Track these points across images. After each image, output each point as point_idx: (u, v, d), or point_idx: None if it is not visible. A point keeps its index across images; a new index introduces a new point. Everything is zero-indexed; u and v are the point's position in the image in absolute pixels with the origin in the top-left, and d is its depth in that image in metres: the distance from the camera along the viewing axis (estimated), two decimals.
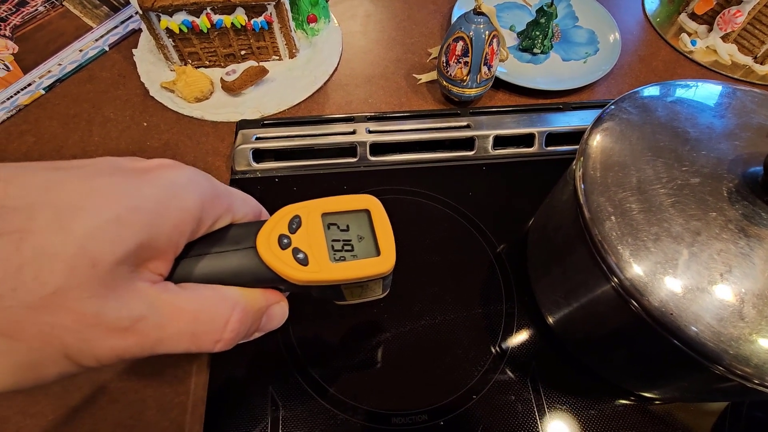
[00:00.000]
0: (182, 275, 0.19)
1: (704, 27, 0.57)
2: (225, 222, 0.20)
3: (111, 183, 0.16)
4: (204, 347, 0.18)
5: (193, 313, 0.18)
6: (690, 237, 0.23)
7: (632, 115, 0.29)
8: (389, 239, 0.22)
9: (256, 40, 0.49)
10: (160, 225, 0.17)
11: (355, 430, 0.32)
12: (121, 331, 0.16)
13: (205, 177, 0.19)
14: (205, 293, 0.18)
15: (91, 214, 0.15)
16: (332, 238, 0.22)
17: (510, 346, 0.36)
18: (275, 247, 0.20)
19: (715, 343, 0.22)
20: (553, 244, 0.33)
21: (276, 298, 0.22)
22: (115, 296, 0.15)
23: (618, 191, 0.26)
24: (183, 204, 0.17)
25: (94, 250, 0.14)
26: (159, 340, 0.17)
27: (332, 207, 0.22)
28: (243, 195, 0.22)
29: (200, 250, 0.19)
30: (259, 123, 0.46)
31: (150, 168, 0.18)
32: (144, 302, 0.16)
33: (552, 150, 0.46)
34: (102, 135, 0.46)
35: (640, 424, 0.34)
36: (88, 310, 0.15)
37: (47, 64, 0.50)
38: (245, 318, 0.19)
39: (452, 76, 0.45)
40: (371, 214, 0.23)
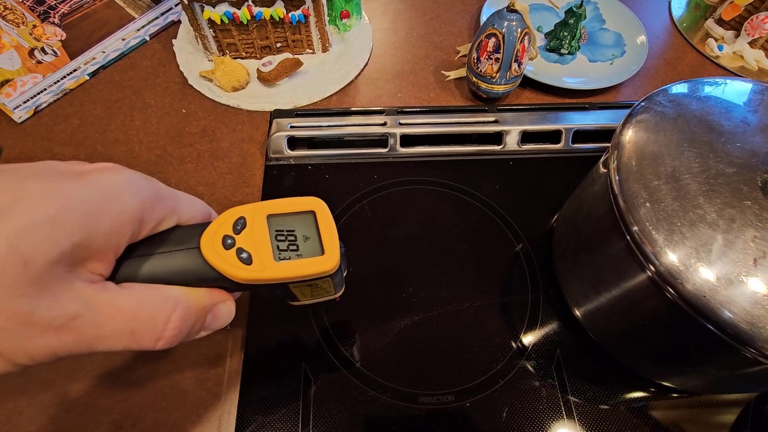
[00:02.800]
0: (125, 275, 0.19)
1: (731, 32, 0.57)
2: (170, 224, 0.21)
3: (46, 185, 0.16)
4: (144, 345, 0.18)
5: (132, 311, 0.18)
6: (725, 224, 0.24)
7: (666, 108, 0.30)
8: (333, 239, 0.23)
9: (292, 33, 0.50)
10: (97, 226, 0.17)
11: (383, 406, 0.33)
12: (56, 329, 0.16)
13: (146, 179, 0.20)
14: (146, 292, 0.19)
15: (24, 214, 0.15)
16: (277, 239, 0.22)
17: (535, 334, 0.37)
18: (219, 247, 0.21)
19: (749, 326, 0.22)
20: (583, 235, 0.34)
21: (221, 297, 0.22)
22: (50, 295, 0.15)
23: (653, 179, 0.26)
24: (121, 206, 0.18)
25: (26, 250, 0.15)
26: (96, 338, 0.17)
27: (278, 209, 0.23)
28: (189, 198, 0.22)
29: (144, 251, 0.20)
30: (293, 113, 0.48)
31: (87, 171, 0.18)
32: (80, 301, 0.16)
33: (578, 147, 0.47)
34: (143, 120, 0.48)
35: (662, 417, 0.34)
36: (20, 309, 0.15)
37: (92, 51, 0.52)
38: (187, 316, 0.20)
39: (482, 72, 0.47)
40: (317, 216, 0.23)
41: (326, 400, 0.33)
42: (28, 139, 0.46)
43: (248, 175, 0.45)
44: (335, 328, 0.36)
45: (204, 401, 0.34)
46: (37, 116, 0.48)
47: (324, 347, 0.35)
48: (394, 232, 0.41)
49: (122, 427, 0.33)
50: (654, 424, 0.34)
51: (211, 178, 0.45)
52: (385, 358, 0.35)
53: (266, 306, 0.37)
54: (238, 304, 0.25)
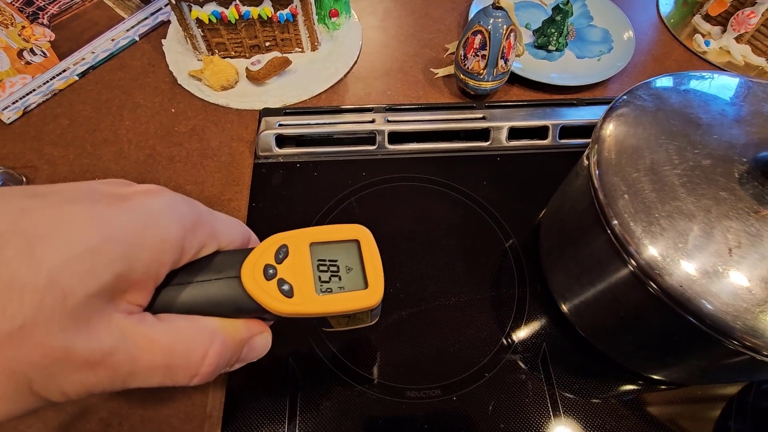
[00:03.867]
0: (163, 304, 0.18)
1: (718, 28, 0.58)
2: (210, 249, 0.20)
3: (87, 211, 0.15)
4: (179, 381, 0.17)
5: (169, 345, 0.17)
6: (701, 214, 0.25)
7: (646, 102, 0.30)
8: (378, 271, 0.22)
9: (281, 32, 0.51)
10: (138, 255, 0.16)
11: (371, 402, 0.33)
12: (92, 365, 0.15)
13: (188, 203, 0.19)
14: (182, 325, 0.18)
15: (64, 244, 0.14)
16: (320, 269, 0.21)
17: (522, 328, 0.37)
18: (260, 278, 0.20)
19: (728, 317, 0.23)
20: (567, 229, 0.35)
21: (259, 329, 0.21)
22: (87, 329, 0.15)
23: (631, 172, 0.27)
24: (163, 233, 0.17)
25: (66, 283, 0.14)
26: (131, 374, 0.16)
27: (321, 237, 0.22)
28: (229, 220, 0.21)
29: (183, 278, 0.19)
30: (282, 111, 0.48)
31: (130, 195, 0.17)
32: (117, 335, 0.16)
33: (565, 143, 0.47)
34: (132, 120, 0.49)
35: (649, 409, 0.34)
36: (57, 344, 0.14)
37: (81, 51, 0.52)
38: (224, 351, 0.19)
39: (470, 69, 0.47)
40: (361, 245, 0.22)
41: (313, 396, 0.34)
42: (17, 139, 0.47)
43: (237, 174, 0.45)
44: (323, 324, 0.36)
45: (192, 398, 0.34)
46: (26, 117, 0.48)
47: (311, 343, 0.36)
48: (382, 228, 0.42)
49: (110, 425, 0.33)
50: (641, 417, 0.34)
51: (200, 176, 0.45)
52: (373, 353, 0.35)
53: None
54: None
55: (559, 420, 0.33)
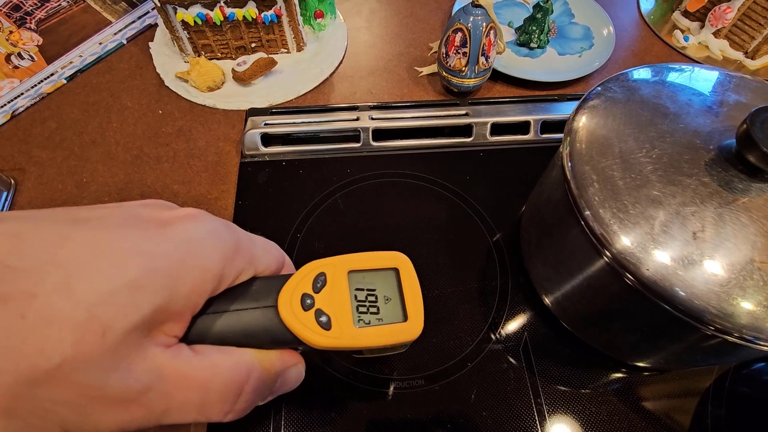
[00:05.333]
0: (198, 333, 0.18)
1: (696, 24, 0.59)
2: (248, 275, 0.19)
3: (127, 239, 0.15)
4: (212, 418, 0.17)
5: (205, 381, 0.16)
6: (667, 200, 0.25)
7: (617, 94, 0.31)
8: (418, 302, 0.21)
9: (266, 33, 0.51)
10: (179, 287, 0.15)
11: (356, 393, 0.34)
12: (127, 403, 0.14)
13: (228, 229, 0.18)
14: (219, 360, 0.17)
15: (104, 277, 0.14)
16: (357, 299, 0.20)
17: (503, 318, 0.38)
18: (297, 308, 0.19)
19: (699, 302, 0.23)
20: (545, 221, 0.35)
21: (293, 361, 0.21)
22: (124, 366, 0.14)
23: (601, 160, 0.27)
24: (203, 263, 0.16)
25: (105, 318, 0.13)
26: (165, 411, 0.15)
27: (360, 264, 0.21)
28: (265, 244, 0.21)
29: (219, 306, 0.18)
30: (268, 111, 0.49)
31: (170, 220, 0.17)
32: (153, 371, 0.15)
33: (547, 137, 0.48)
34: (120, 121, 0.49)
35: (630, 395, 0.35)
36: (93, 383, 0.13)
37: (69, 55, 0.52)
38: (260, 386, 0.18)
39: (452, 66, 0.48)
40: (400, 273, 0.22)
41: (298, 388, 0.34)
42: (6, 143, 0.47)
43: (224, 173, 0.46)
44: None
45: None
46: (15, 120, 0.49)
47: None
48: (366, 223, 0.42)
49: None
50: (621, 403, 0.35)
51: (187, 176, 0.45)
52: None
53: None
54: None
55: (540, 407, 0.34)
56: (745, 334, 0.23)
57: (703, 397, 0.36)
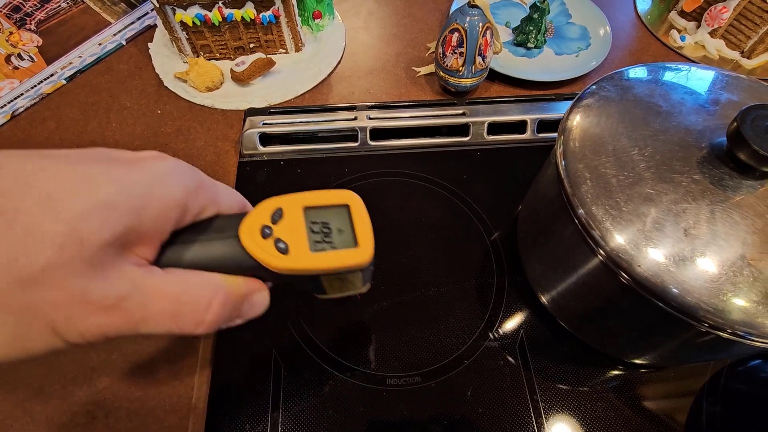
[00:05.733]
0: (168, 261, 0.20)
1: (693, 23, 0.59)
2: (210, 213, 0.21)
3: (99, 169, 0.17)
4: (186, 329, 0.19)
5: (176, 294, 0.18)
6: (659, 197, 0.26)
7: (610, 93, 0.31)
8: (368, 232, 0.23)
9: (264, 34, 0.52)
10: (146, 211, 0.17)
11: (352, 389, 0.34)
12: (106, 308, 0.16)
13: (191, 168, 0.20)
14: (188, 277, 0.19)
15: (80, 197, 0.16)
16: (312, 230, 0.22)
17: (500, 316, 0.38)
18: (257, 237, 0.21)
19: (691, 299, 0.23)
20: (540, 219, 0.36)
21: (257, 287, 0.23)
22: (102, 276, 0.16)
23: (594, 159, 0.28)
24: (168, 192, 0.18)
25: (83, 231, 0.15)
26: (142, 319, 0.18)
27: (313, 201, 0.23)
28: (228, 189, 0.23)
29: (186, 237, 0.20)
30: (266, 111, 0.49)
31: (138, 158, 0.19)
32: (129, 282, 0.17)
33: (543, 137, 0.48)
34: (119, 122, 0.49)
35: (626, 392, 0.35)
36: (75, 287, 0.15)
37: (69, 56, 0.53)
38: (227, 302, 0.20)
39: (449, 66, 0.48)
40: (350, 209, 0.23)
41: (296, 385, 0.34)
42: (5, 143, 0.47)
43: (222, 172, 0.46)
44: (305, 316, 0.37)
45: (177, 390, 0.35)
46: (14, 121, 0.49)
47: (294, 334, 0.36)
48: None
49: (96, 417, 0.33)
50: (617, 400, 0.35)
51: None
52: (354, 343, 0.36)
53: None
54: None
55: (537, 404, 0.34)
56: (737, 330, 0.24)
57: (698, 394, 0.36)
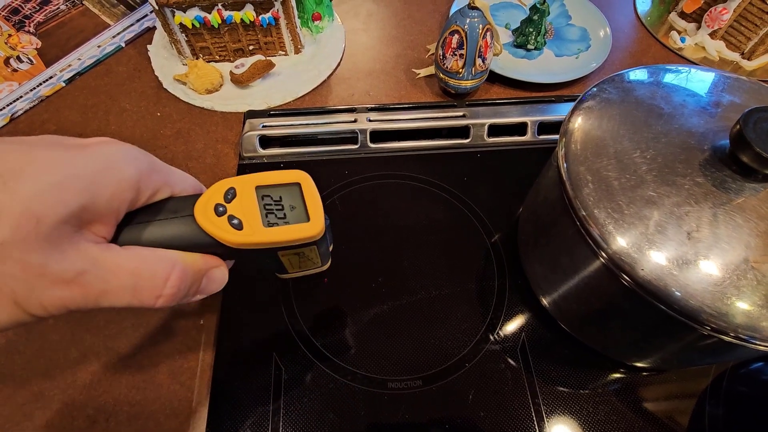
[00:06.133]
0: (126, 240, 0.20)
1: (693, 25, 0.59)
2: (164, 195, 0.22)
3: (51, 154, 0.18)
4: (145, 302, 0.20)
5: (134, 269, 0.19)
6: (661, 200, 0.25)
7: (612, 95, 0.31)
8: (318, 208, 0.24)
9: (264, 36, 0.52)
10: (99, 191, 0.18)
11: (353, 393, 0.34)
12: (66, 282, 0.17)
13: (141, 152, 0.21)
14: (145, 253, 0.20)
15: (35, 178, 0.16)
16: (266, 207, 0.23)
17: (501, 319, 0.38)
18: (211, 214, 0.22)
19: (694, 302, 0.23)
20: (541, 222, 0.35)
21: (215, 263, 0.23)
22: (60, 251, 0.17)
23: (596, 161, 0.28)
24: (120, 174, 0.19)
25: (38, 210, 0.16)
26: (102, 293, 0.19)
27: (265, 180, 0.24)
28: (181, 173, 0.24)
29: (142, 218, 0.21)
30: (266, 113, 0.49)
31: (88, 144, 0.19)
32: (87, 258, 0.18)
33: (544, 138, 0.48)
34: (118, 124, 0.49)
35: (629, 395, 0.35)
36: (34, 262, 0.16)
37: (68, 58, 0.53)
38: (184, 276, 0.21)
39: (449, 68, 0.48)
40: (302, 187, 0.24)
41: (297, 389, 0.34)
42: None
43: (222, 175, 0.46)
44: (306, 319, 0.37)
45: (177, 394, 0.34)
46: (13, 123, 0.49)
47: (294, 338, 0.36)
48: (364, 225, 0.42)
49: (96, 422, 0.33)
50: (620, 403, 0.35)
51: None
52: (355, 346, 0.36)
53: (238, 298, 0.38)
54: (212, 297, 0.26)
55: (538, 407, 0.34)
56: (740, 334, 0.24)
57: (700, 396, 0.36)
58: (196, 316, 0.37)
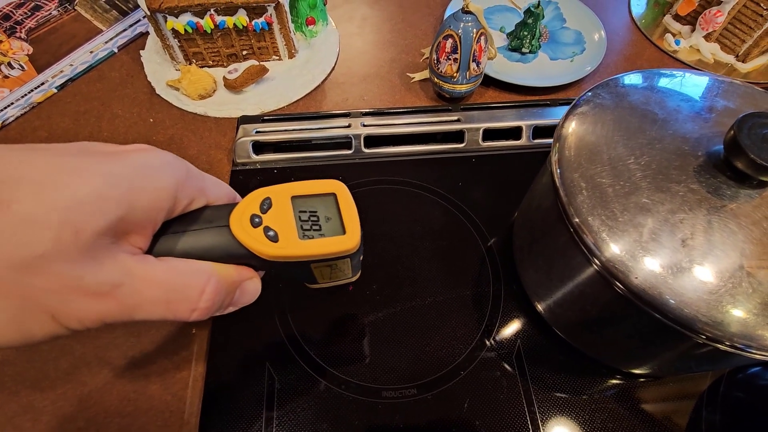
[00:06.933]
0: (161, 251, 0.20)
1: (687, 27, 0.59)
2: (200, 203, 0.22)
3: (88, 161, 0.17)
4: (180, 315, 0.19)
5: (169, 282, 0.19)
6: (656, 207, 0.25)
7: (605, 100, 0.31)
8: (354, 220, 0.23)
9: (257, 41, 0.51)
10: (137, 201, 0.18)
11: (347, 402, 0.34)
12: (102, 295, 0.17)
13: (179, 160, 0.20)
14: (181, 266, 0.20)
15: (73, 188, 0.16)
16: (301, 219, 0.23)
17: (496, 326, 0.38)
18: (247, 225, 0.21)
19: (689, 311, 0.23)
20: (536, 228, 0.35)
21: (249, 274, 0.23)
22: (96, 264, 0.17)
23: (589, 168, 0.27)
24: (158, 183, 0.19)
25: (77, 221, 0.16)
26: (136, 306, 0.18)
27: (301, 190, 0.23)
28: (216, 180, 0.23)
29: (177, 228, 0.21)
30: (260, 118, 0.49)
31: (126, 150, 0.19)
32: (123, 270, 0.17)
33: (539, 143, 0.48)
34: (110, 130, 0.49)
35: (625, 401, 0.35)
36: (71, 275, 0.16)
37: (60, 64, 0.52)
38: (219, 289, 0.20)
39: (443, 72, 0.48)
40: (338, 198, 0.24)
41: (290, 399, 0.34)
42: None
43: None
44: (299, 328, 0.37)
45: (169, 405, 0.34)
46: (4, 130, 0.48)
47: (288, 347, 0.36)
48: None
49: None
50: (616, 409, 0.35)
51: None
52: (349, 354, 0.36)
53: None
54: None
55: (534, 415, 0.34)
56: (736, 343, 0.23)
57: (697, 402, 0.36)
58: (188, 326, 0.37)
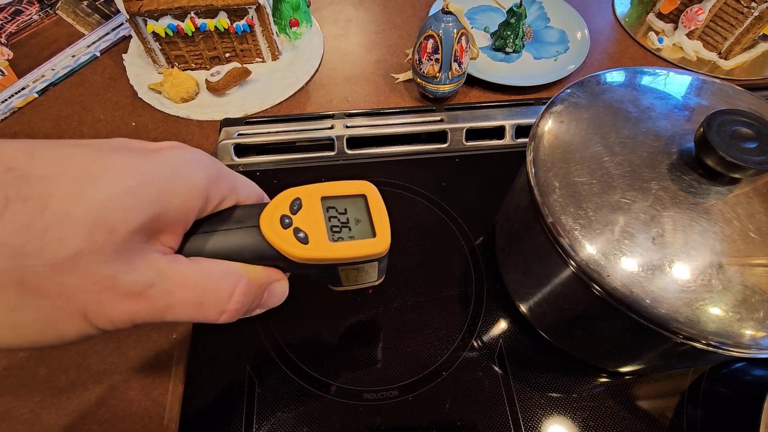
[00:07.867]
0: (191, 250, 0.20)
1: (670, 25, 0.59)
2: (230, 203, 0.21)
3: (122, 159, 0.17)
4: (209, 317, 0.19)
5: (200, 283, 0.19)
6: (628, 206, 0.25)
7: (581, 99, 0.31)
8: (385, 223, 0.23)
9: (240, 43, 0.51)
10: (170, 199, 0.17)
11: (328, 405, 0.34)
12: (134, 296, 0.17)
13: (211, 159, 0.20)
14: (212, 266, 0.19)
15: (108, 185, 0.16)
16: (331, 220, 0.23)
17: (478, 326, 0.38)
18: (277, 226, 0.21)
19: (663, 311, 0.23)
20: (514, 227, 0.35)
21: (277, 276, 0.23)
22: (130, 263, 0.16)
23: (563, 166, 0.27)
24: (191, 181, 0.18)
25: (111, 219, 0.15)
26: (167, 307, 0.18)
27: (331, 191, 0.23)
28: (246, 179, 0.23)
29: (207, 227, 0.20)
30: (242, 121, 0.48)
31: (159, 148, 0.19)
32: (155, 270, 0.17)
33: (522, 142, 0.48)
34: (92, 135, 0.49)
35: (608, 399, 0.35)
36: (105, 274, 0.16)
37: (41, 69, 0.52)
38: (249, 291, 0.20)
39: (425, 73, 0.48)
40: (368, 199, 0.24)
41: (270, 402, 0.34)
42: None
43: None
44: (279, 331, 0.37)
45: (149, 411, 0.34)
46: None
47: (268, 350, 0.36)
48: None
49: None
50: (598, 408, 0.34)
51: None
52: (330, 357, 0.36)
53: None
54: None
55: (516, 415, 0.34)
56: (711, 341, 0.23)
57: (679, 399, 0.36)
58: (168, 330, 0.37)
